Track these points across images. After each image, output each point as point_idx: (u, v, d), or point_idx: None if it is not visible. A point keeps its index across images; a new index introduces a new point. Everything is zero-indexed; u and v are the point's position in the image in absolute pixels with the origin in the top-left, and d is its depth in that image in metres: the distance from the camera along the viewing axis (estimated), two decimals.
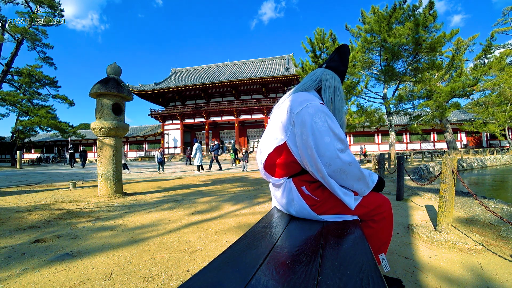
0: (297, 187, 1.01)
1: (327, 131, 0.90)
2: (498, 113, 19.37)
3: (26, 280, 1.43)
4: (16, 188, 5.34)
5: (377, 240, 1.06)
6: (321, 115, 0.91)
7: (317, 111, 0.92)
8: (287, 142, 0.99)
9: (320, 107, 0.94)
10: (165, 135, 28.97)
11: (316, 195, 0.99)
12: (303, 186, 1.01)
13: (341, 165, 0.91)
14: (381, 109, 13.22)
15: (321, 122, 0.90)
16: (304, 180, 1.02)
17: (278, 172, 1.05)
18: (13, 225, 2.53)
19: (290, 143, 0.98)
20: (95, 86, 4.14)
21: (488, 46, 17.48)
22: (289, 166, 1.02)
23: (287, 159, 1.01)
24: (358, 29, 12.27)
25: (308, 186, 1.00)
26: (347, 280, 0.50)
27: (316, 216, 1.00)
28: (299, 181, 1.02)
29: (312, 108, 0.93)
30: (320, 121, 0.91)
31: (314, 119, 0.91)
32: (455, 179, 2.24)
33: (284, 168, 1.03)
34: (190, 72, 33.29)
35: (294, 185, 1.02)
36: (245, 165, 10.53)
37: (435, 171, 12.50)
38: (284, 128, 1.00)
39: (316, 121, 0.91)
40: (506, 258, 1.75)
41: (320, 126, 0.90)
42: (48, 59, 21.45)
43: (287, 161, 1.01)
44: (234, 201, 3.87)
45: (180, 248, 1.91)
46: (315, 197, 0.98)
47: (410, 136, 27.14)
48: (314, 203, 0.99)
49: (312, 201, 0.99)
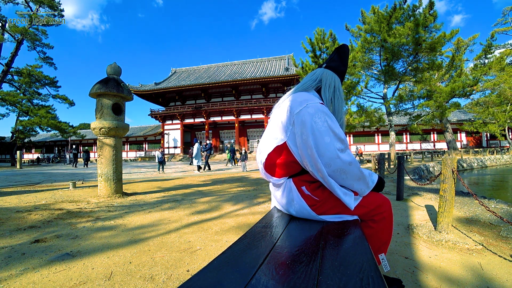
0: (297, 187, 1.01)
1: (327, 131, 0.90)
2: (498, 113, 19.37)
3: (26, 280, 1.43)
4: (16, 188, 5.35)
5: (377, 240, 1.06)
6: (321, 115, 0.92)
7: (317, 111, 0.92)
8: (287, 142, 0.99)
9: (320, 107, 0.94)
10: (165, 135, 28.98)
11: (316, 195, 0.99)
12: (303, 186, 1.01)
13: (341, 165, 0.91)
14: (381, 109, 13.23)
15: (321, 122, 0.91)
16: (304, 180, 1.02)
17: (278, 172, 1.05)
18: (13, 225, 2.53)
19: (290, 143, 0.98)
20: (95, 86, 4.14)
21: (488, 46, 17.46)
22: (289, 166, 1.02)
23: (287, 159, 1.01)
24: (358, 29, 12.28)
25: (308, 186, 1.00)
26: (347, 280, 0.50)
27: (316, 216, 1.00)
28: (299, 181, 1.02)
29: (312, 108, 0.93)
30: (320, 121, 0.91)
31: (314, 119, 0.91)
32: (455, 179, 2.24)
33: (284, 168, 1.03)
34: (190, 72, 33.29)
35: (294, 185, 1.02)
36: (244, 165, 10.56)
37: (435, 171, 12.50)
38: (284, 128, 1.00)
39: (316, 121, 0.91)
40: (506, 258, 1.75)
41: (320, 126, 0.90)
42: (48, 59, 21.46)
43: (287, 161, 1.01)
44: (234, 201, 3.87)
45: (180, 248, 1.91)
46: (315, 197, 0.98)
47: (410, 136, 27.14)
48: (314, 203, 0.99)
49: (312, 201, 0.99)
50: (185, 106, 28.66)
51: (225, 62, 33.11)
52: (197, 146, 10.18)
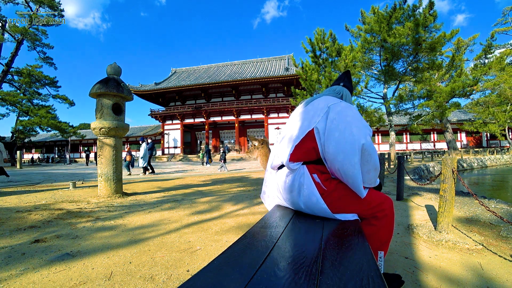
0: (310, 173, 1.06)
1: (358, 120, 1.02)
2: (498, 113, 19.35)
3: (26, 280, 1.43)
4: (16, 188, 5.35)
5: (378, 238, 1.07)
6: (353, 108, 1.09)
7: (349, 105, 1.10)
8: (315, 127, 1.05)
9: (351, 105, 1.13)
10: (165, 135, 28.98)
11: (325, 185, 1.03)
12: (314, 173, 1.05)
13: (368, 149, 0.97)
14: (381, 109, 13.22)
15: (352, 113, 1.05)
16: (317, 169, 1.06)
17: (294, 157, 1.09)
18: (13, 225, 2.53)
19: (319, 127, 1.05)
20: (95, 86, 4.14)
21: (488, 46, 17.48)
22: (308, 152, 1.07)
23: (309, 145, 1.06)
24: (358, 29, 12.26)
25: (320, 175, 1.05)
26: (347, 280, 0.50)
27: (323, 205, 1.01)
28: (312, 169, 1.06)
29: (344, 103, 1.10)
30: (352, 112, 1.05)
31: (347, 110, 1.06)
32: (455, 179, 2.24)
33: (302, 154, 1.07)
34: (190, 72, 33.28)
35: (308, 171, 1.06)
36: (222, 165, 10.54)
37: (435, 171, 12.50)
38: (314, 117, 1.08)
39: (348, 112, 1.05)
40: (506, 258, 1.75)
41: (351, 114, 1.04)
42: (48, 59, 21.48)
43: (308, 147, 1.06)
44: (234, 201, 3.87)
45: (180, 248, 1.91)
46: (324, 187, 1.03)
47: (410, 136, 27.14)
48: (322, 192, 1.02)
49: (321, 189, 1.02)
50: (185, 106, 28.66)
51: (225, 62, 33.09)
52: (144, 146, 9.38)
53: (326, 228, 0.90)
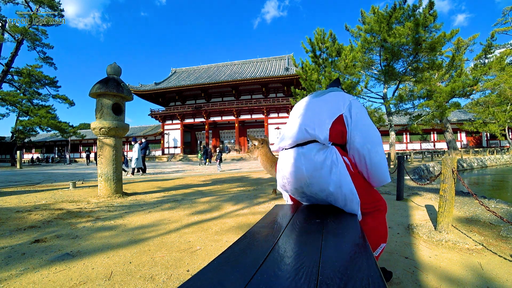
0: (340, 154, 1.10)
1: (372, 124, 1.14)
2: (498, 113, 19.35)
3: (26, 280, 1.43)
4: (16, 188, 5.35)
5: (378, 232, 1.13)
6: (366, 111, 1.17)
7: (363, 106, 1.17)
8: (344, 114, 1.09)
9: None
10: (165, 135, 28.98)
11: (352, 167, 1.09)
12: (344, 156, 1.09)
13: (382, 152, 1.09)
14: (381, 109, 13.21)
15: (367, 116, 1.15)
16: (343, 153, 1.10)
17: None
18: (13, 225, 2.53)
19: (347, 114, 1.09)
20: (95, 86, 4.14)
21: (488, 46, 17.47)
22: (337, 135, 1.09)
23: (338, 128, 1.09)
24: (358, 29, 12.25)
25: (347, 157, 1.11)
26: (347, 280, 0.50)
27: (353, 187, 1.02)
28: (340, 150, 1.09)
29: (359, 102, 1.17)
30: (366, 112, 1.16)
31: (364, 109, 1.15)
32: (455, 179, 2.24)
33: (333, 134, 1.08)
34: (190, 72, 33.28)
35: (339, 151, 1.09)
36: (217, 165, 10.76)
37: (435, 171, 12.50)
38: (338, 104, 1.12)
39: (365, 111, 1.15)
40: (506, 258, 1.75)
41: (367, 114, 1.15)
42: (48, 59, 21.46)
43: (338, 130, 1.09)
44: (234, 201, 3.87)
45: (180, 248, 1.91)
46: (352, 169, 1.08)
47: (410, 136, 27.13)
48: (350, 173, 1.05)
49: (350, 171, 1.05)
50: (185, 106, 28.66)
51: (225, 62, 33.09)
52: (137, 147, 9.24)
53: (326, 228, 0.90)
